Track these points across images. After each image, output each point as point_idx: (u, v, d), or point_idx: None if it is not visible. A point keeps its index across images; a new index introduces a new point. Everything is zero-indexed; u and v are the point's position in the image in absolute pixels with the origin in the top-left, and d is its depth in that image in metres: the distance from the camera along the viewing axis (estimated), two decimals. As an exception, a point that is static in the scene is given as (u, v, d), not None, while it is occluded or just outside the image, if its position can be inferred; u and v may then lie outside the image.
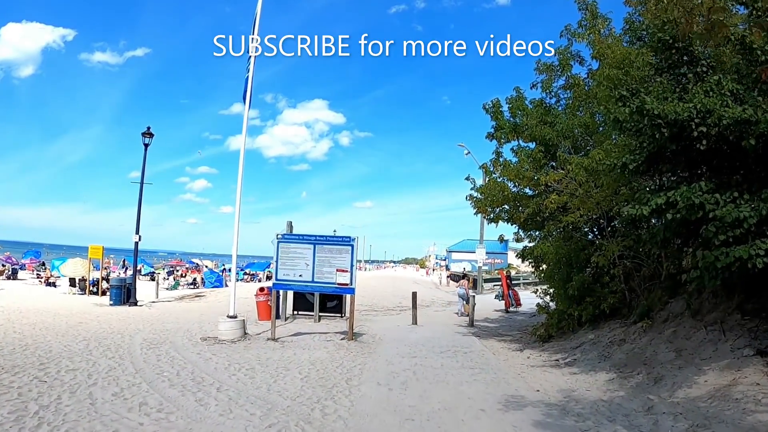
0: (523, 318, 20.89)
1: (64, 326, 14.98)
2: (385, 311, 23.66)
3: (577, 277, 12.12)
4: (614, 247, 11.18)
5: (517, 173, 12.39)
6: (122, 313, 19.18)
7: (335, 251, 13.34)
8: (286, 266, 13.51)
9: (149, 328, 15.46)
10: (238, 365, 10.20)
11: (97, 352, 11.22)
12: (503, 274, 27.27)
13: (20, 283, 32.92)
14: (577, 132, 12.74)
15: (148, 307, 22.24)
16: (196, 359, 10.80)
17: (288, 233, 13.93)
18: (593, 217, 12.19)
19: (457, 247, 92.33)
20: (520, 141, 14.10)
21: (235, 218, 14.19)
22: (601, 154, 9.81)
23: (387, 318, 20.76)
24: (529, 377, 9.73)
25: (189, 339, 13.45)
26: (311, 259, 13.37)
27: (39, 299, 23.61)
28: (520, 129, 13.93)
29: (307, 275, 13.40)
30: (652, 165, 8.30)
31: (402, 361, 10.98)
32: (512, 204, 13.64)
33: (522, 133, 13.81)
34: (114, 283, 23.23)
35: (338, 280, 13.27)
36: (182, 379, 8.94)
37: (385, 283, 50.15)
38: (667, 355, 9.25)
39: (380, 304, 26.82)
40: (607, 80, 9.75)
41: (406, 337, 14.81)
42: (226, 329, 13.34)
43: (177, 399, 7.69)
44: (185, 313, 19.79)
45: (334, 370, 9.92)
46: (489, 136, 15.08)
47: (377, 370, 10.04)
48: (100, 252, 27.38)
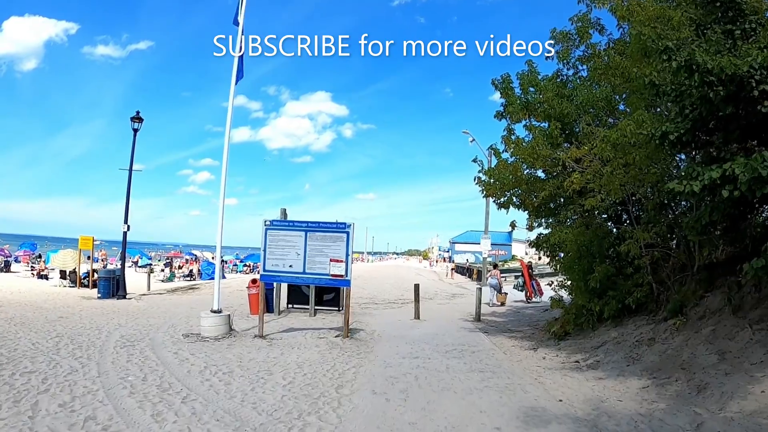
0: (532, 312, 19.58)
1: (42, 321, 14.00)
2: (386, 304, 22.42)
3: (600, 268, 10.82)
4: (645, 234, 9.86)
5: (532, 152, 11.05)
6: (108, 307, 18.19)
7: (329, 239, 12.07)
8: (275, 256, 12.25)
9: (132, 323, 14.39)
10: (216, 368, 8.97)
11: (65, 351, 10.13)
12: (524, 264, 26.22)
13: (12, 275, 32.16)
14: (599, 106, 11.38)
15: (137, 300, 21.16)
16: (170, 360, 9.60)
17: (277, 219, 12.66)
18: (616, 201, 10.87)
19: (461, 239, 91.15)
20: (532, 120, 12.77)
21: (221, 196, 12.96)
22: (632, 126, 8.49)
23: (388, 312, 19.51)
24: (549, 383, 8.44)
25: (171, 336, 12.35)
26: (302, 248, 12.11)
27: (26, 292, 22.68)
28: (533, 106, 12.61)
29: (298, 266, 12.14)
30: (698, 134, 6.99)
31: (402, 363, 9.71)
32: (525, 188, 12.32)
33: (535, 111, 12.48)
34: (102, 275, 22.05)
35: (332, 271, 12.00)
36: (147, 386, 7.72)
37: (387, 275, 49.01)
38: (709, 359, 7.96)
39: (381, 297, 25.60)
40: (638, 40, 8.41)
41: (407, 333, 13.55)
42: (209, 325, 12.11)
43: (131, 412, 6.46)
44: (174, 307, 18.61)
45: (323, 374, 8.64)
46: (498, 114, 13.79)
47: (373, 374, 8.75)
48: (90, 243, 26.31)
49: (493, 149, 13.42)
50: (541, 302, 22.41)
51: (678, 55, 6.36)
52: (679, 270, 10.75)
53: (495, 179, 12.74)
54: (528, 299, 23.64)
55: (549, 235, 11.73)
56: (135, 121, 22.49)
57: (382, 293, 28.05)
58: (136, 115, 22.51)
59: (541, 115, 12.31)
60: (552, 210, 13.13)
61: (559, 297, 13.37)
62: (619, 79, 11.17)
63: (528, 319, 17.43)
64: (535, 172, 12.66)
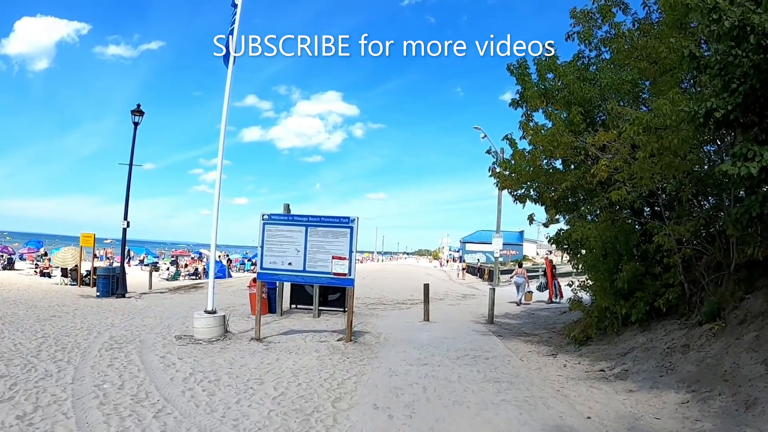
0: (548, 314, 18.60)
1: (32, 320, 13.33)
2: (394, 305, 21.54)
3: (629, 267, 9.86)
4: (681, 229, 8.88)
5: (552, 139, 10.09)
6: (105, 306, 17.49)
7: (331, 235, 11.19)
8: (273, 252, 11.40)
9: (126, 323, 13.66)
10: (202, 375, 8.11)
11: (46, 353, 9.42)
12: (548, 262, 25.53)
13: (15, 273, 31.63)
14: (625, 89, 10.38)
15: (136, 299, 20.39)
16: (155, 365, 8.78)
17: (276, 213, 11.79)
18: (642, 194, 9.89)
19: (472, 238, 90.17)
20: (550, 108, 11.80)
21: (216, 192, 12.10)
22: (667, 106, 7.55)
23: (396, 313, 18.62)
24: (573, 395, 7.52)
25: (163, 337, 11.58)
26: (303, 245, 11.24)
27: (24, 290, 22.08)
28: (551, 93, 11.67)
29: (298, 263, 11.27)
30: (749, 111, 6.03)
31: (409, 371, 8.80)
32: (543, 179, 11.37)
33: (554, 98, 11.52)
34: (101, 273, 21.32)
35: (334, 270, 11.11)
36: (121, 395, 6.88)
37: (397, 275, 48.14)
38: (755, 369, 7.02)
39: (390, 297, 24.72)
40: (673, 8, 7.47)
41: (416, 337, 12.65)
42: (203, 327, 11.28)
43: (94, 428, 5.61)
44: (173, 307, 17.80)
45: (320, 384, 7.74)
46: (514, 103, 12.86)
47: (376, 384, 7.84)
48: (92, 240, 25.62)
49: (508, 139, 12.47)
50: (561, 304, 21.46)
51: (730, 14, 5.42)
52: (714, 269, 9.77)
53: (511, 171, 11.82)
54: (549, 300, 23.00)
55: (570, 231, 10.74)
56: (136, 114, 21.75)
57: (390, 293, 27.17)
58: (137, 108, 21.77)
59: (560, 102, 11.34)
60: (571, 204, 12.20)
61: (577, 298, 12.43)
62: (644, 62, 10.23)
63: (544, 322, 16.47)
64: (553, 162, 11.73)
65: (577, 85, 10.85)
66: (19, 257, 38.83)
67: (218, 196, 12.19)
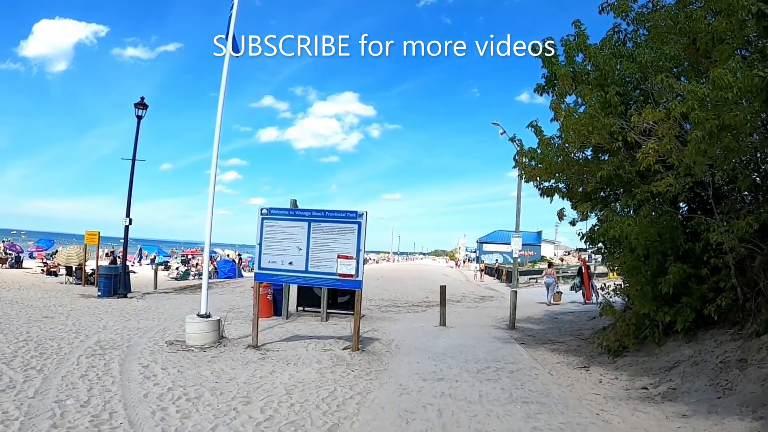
0: (572, 319, 17.32)
1: (21, 322, 12.48)
2: (408, 307, 20.41)
3: (675, 268, 8.62)
4: (742, 224, 7.60)
5: (588, 122, 8.87)
6: (103, 307, 16.59)
7: (336, 231, 10.06)
8: (272, 251, 10.28)
9: (120, 325, 12.73)
10: (182, 390, 7.02)
11: (20, 359, 8.49)
12: (584, 262, 24.32)
13: (23, 271, 30.96)
14: (667, 67, 9.10)
15: (138, 299, 19.47)
16: (134, 376, 7.74)
17: (275, 207, 10.68)
18: (689, 184, 8.64)
19: (489, 239, 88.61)
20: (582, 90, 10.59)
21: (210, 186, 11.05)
22: (729, 76, 6.33)
23: (410, 316, 17.48)
24: (617, 421, 6.32)
25: (155, 342, 10.57)
26: (305, 242, 10.13)
27: (26, 288, 21.21)
28: (580, 76, 10.45)
29: (300, 263, 10.14)
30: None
31: (423, 387, 7.62)
32: (575, 169, 10.14)
33: (583, 81, 10.29)
34: (103, 272, 20.40)
35: (340, 270, 9.96)
36: (81, 416, 5.82)
37: (412, 275, 47.05)
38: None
39: (404, 299, 23.60)
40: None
41: (431, 344, 11.49)
42: (195, 332, 10.22)
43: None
44: (174, 308, 16.83)
45: (317, 405, 6.58)
46: (539, 88, 11.68)
47: (383, 405, 6.67)
48: (96, 238, 24.70)
49: (533, 126, 11.26)
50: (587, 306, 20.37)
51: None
52: (770, 271, 8.52)
53: (537, 160, 10.63)
54: (586, 301, 21.96)
55: (607, 227, 9.47)
56: (139, 108, 20.79)
57: (405, 295, 26.05)
58: (141, 101, 20.80)
59: (593, 86, 10.10)
60: (605, 198, 11.01)
61: (609, 303, 11.22)
62: (686, 37, 9.02)
63: (569, 328, 15.22)
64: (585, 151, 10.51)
65: (613, 62, 9.64)
66: (28, 255, 38.24)
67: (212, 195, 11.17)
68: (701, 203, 10.00)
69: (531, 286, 35.37)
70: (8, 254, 33.57)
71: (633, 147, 9.35)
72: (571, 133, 9.46)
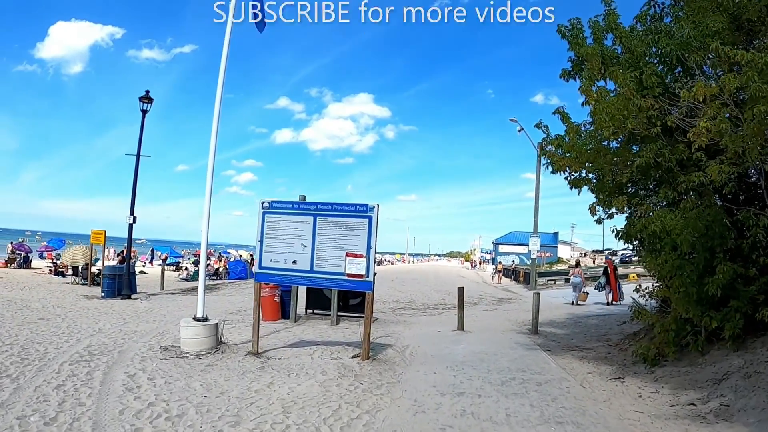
0: (597, 322, 16.26)
1: (14, 323, 11.99)
2: (424, 310, 19.45)
3: (725, 268, 7.60)
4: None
5: (624, 105, 7.87)
6: (104, 308, 15.94)
7: (344, 226, 9.11)
8: (273, 248, 9.36)
9: (116, 328, 12.05)
10: (164, 406, 6.15)
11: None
12: (610, 262, 24.14)
13: (30, 271, 30.56)
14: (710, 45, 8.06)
15: (142, 300, 18.75)
16: (115, 388, 6.94)
17: (278, 200, 9.74)
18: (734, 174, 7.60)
19: (505, 240, 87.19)
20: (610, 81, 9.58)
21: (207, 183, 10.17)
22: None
23: (426, 319, 16.52)
24: (671, 448, 5.36)
25: (149, 348, 9.82)
26: (310, 239, 9.20)
27: (29, 288, 20.71)
28: (609, 60, 9.44)
29: (304, 262, 9.20)
30: None
31: (441, 404, 6.65)
32: (608, 157, 9.12)
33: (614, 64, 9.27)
34: (107, 273, 19.71)
35: (348, 270, 8.99)
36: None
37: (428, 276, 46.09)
38: None
39: (419, 301, 22.66)
40: None
41: (448, 351, 10.52)
42: (190, 337, 9.36)
43: None
44: (178, 310, 16.02)
45: (317, 427, 5.60)
46: (565, 74, 10.71)
47: (395, 427, 5.70)
48: (102, 237, 24.04)
49: (560, 113, 10.26)
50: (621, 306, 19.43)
51: None
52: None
53: (565, 149, 9.63)
54: (611, 302, 21.42)
55: (646, 221, 8.44)
56: (144, 102, 20.04)
57: (420, 296, 25.12)
58: (146, 95, 20.06)
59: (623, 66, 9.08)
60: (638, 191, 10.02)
61: (640, 306, 10.21)
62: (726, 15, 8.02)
63: (595, 332, 14.18)
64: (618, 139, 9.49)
65: (651, 39, 8.64)
66: (38, 255, 37.74)
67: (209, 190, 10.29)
68: (750, 195, 8.96)
69: (549, 287, 34.22)
70: (17, 254, 33.03)
71: (672, 132, 8.37)
72: (605, 117, 8.43)
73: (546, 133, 10.35)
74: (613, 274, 22.13)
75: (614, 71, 8.63)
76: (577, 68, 10.52)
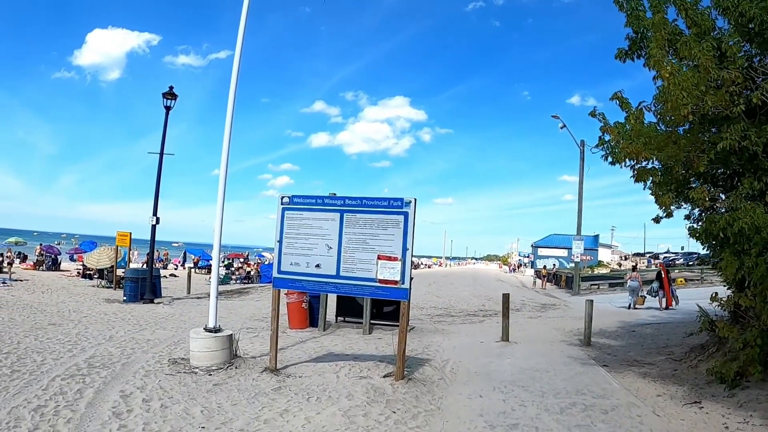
0: (652, 332, 14.70)
1: (23, 329, 11.35)
2: (464, 316, 18.14)
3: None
4: None
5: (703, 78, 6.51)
6: (122, 313, 15.10)
7: (376, 224, 7.85)
8: (294, 249, 8.17)
9: (127, 337, 11.13)
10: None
11: None
12: (663, 266, 23.30)
13: (59, 274, 30.16)
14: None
15: (165, 304, 17.87)
16: (101, 412, 5.96)
17: (300, 195, 8.51)
18: None
19: (544, 243, 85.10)
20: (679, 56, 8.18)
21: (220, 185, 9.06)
22: None
23: (466, 328, 15.20)
24: None
25: (157, 360, 8.80)
26: (336, 239, 7.98)
27: (51, 292, 20.14)
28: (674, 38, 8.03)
29: (329, 266, 7.97)
30: None
31: (491, 442, 5.43)
32: (683, 143, 7.71)
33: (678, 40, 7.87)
34: (129, 276, 18.83)
35: (380, 275, 7.70)
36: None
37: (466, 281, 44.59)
38: None
39: (458, 307, 21.33)
40: None
41: (494, 367, 9.22)
42: (200, 350, 8.23)
43: None
44: (200, 316, 14.99)
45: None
46: (621, 54, 9.31)
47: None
48: (128, 239, 23.26)
49: (618, 98, 8.89)
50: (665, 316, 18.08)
51: None
52: None
53: (630, 136, 8.25)
54: (666, 307, 20.72)
55: (731, 218, 7.03)
56: (167, 98, 19.19)
57: (459, 302, 23.81)
58: (169, 91, 19.19)
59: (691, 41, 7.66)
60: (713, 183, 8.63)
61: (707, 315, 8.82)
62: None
63: (652, 343, 12.68)
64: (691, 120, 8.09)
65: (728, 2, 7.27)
66: (69, 258, 37.47)
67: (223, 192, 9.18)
68: None
69: (593, 292, 32.44)
70: (45, 256, 32.71)
71: (757, 112, 7.01)
72: (681, 93, 7.04)
73: (603, 122, 8.98)
74: (667, 278, 21.11)
75: (687, 41, 7.28)
76: (636, 46, 9.20)
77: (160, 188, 19.18)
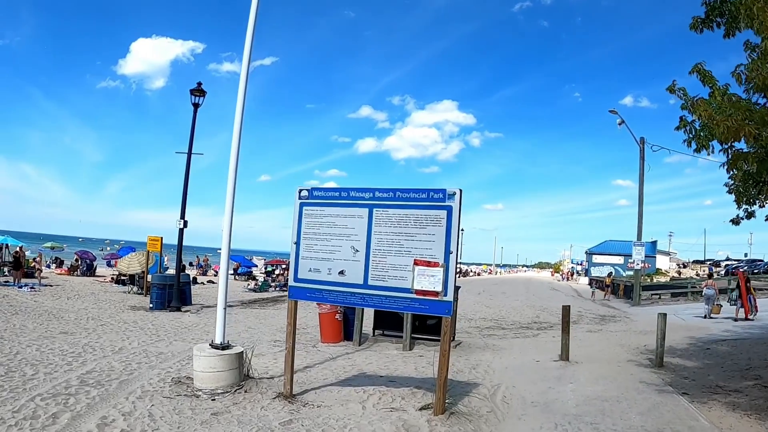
0: (728, 349, 12.82)
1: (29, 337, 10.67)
2: (516, 329, 16.57)
3: None
4: None
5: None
6: (143, 322, 14.27)
7: (413, 221, 6.38)
8: (314, 252, 6.80)
9: (139, 349, 10.17)
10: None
11: None
12: (741, 274, 22.24)
13: (92, 279, 30.05)
14: None
15: (192, 313, 16.86)
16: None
17: (320, 187, 7.10)
18: None
19: (599, 249, 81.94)
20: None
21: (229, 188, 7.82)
22: None
23: (519, 343, 13.64)
24: None
25: (160, 379, 7.68)
26: (364, 240, 6.57)
27: (78, 298, 19.65)
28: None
29: (356, 272, 6.54)
30: None
31: None
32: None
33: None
34: (156, 282, 17.91)
35: (417, 285, 6.19)
36: None
37: (517, 289, 42.67)
38: None
39: (510, 318, 19.75)
40: None
41: (554, 395, 7.67)
42: (205, 369, 6.96)
43: None
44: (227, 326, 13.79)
45: None
46: (697, 22, 7.84)
47: None
48: (159, 244, 22.39)
49: (699, 71, 7.28)
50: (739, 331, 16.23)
51: None
52: None
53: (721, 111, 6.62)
54: (746, 317, 19.68)
55: None
56: (195, 95, 18.22)
57: (511, 313, 22.23)
58: (197, 87, 18.20)
59: None
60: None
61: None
62: None
63: (733, 364, 10.86)
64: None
65: None
66: (106, 263, 37.28)
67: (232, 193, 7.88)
68: None
69: (654, 303, 30.18)
70: (81, 261, 32.47)
71: None
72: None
73: (684, 98, 7.36)
74: (745, 286, 19.84)
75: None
76: (715, 12, 7.78)
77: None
